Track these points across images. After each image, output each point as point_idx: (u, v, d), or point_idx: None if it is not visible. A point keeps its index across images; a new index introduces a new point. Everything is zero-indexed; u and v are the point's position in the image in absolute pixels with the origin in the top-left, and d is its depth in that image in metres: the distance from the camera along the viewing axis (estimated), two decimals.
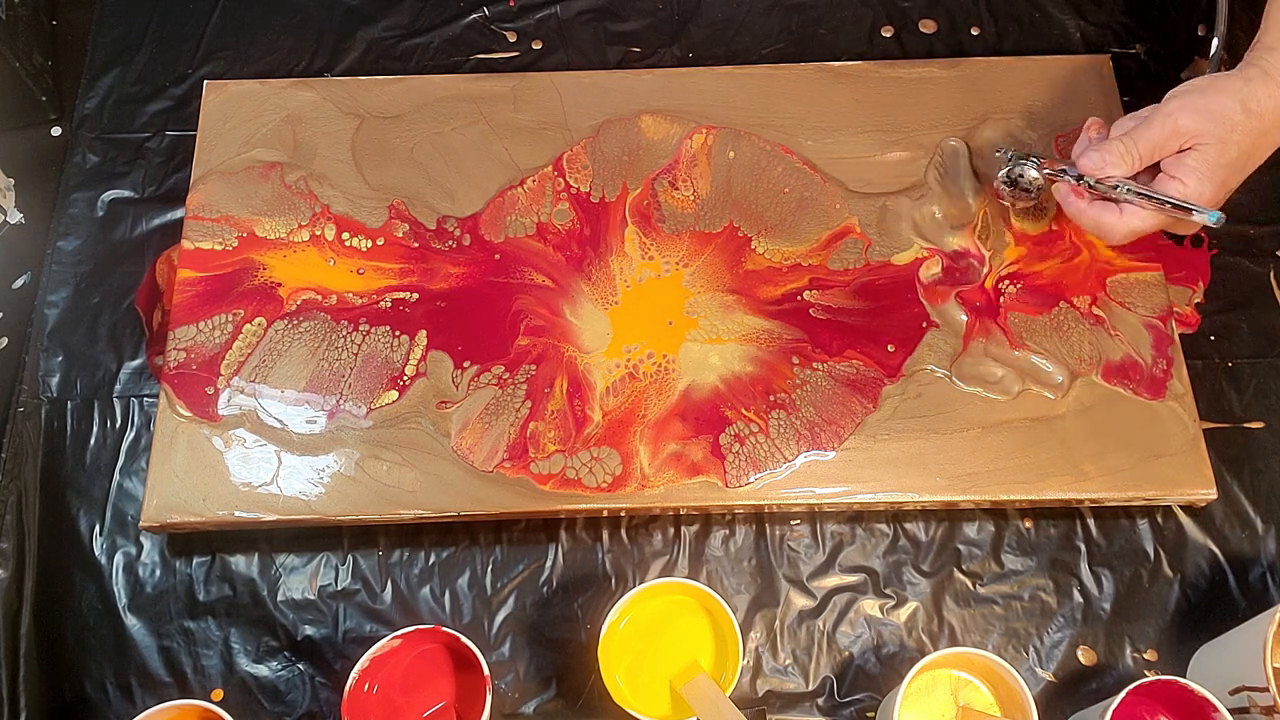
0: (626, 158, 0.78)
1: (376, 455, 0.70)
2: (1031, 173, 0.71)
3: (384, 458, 0.70)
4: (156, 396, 0.74)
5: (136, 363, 0.76)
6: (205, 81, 0.82)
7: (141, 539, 0.71)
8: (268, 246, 0.76)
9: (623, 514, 0.71)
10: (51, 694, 0.68)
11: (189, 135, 0.81)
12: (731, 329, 0.73)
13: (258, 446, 0.70)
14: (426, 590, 0.70)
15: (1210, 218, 0.63)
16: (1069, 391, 0.71)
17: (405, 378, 0.72)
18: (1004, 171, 0.73)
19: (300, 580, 0.70)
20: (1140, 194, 0.64)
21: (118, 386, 0.75)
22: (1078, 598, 0.69)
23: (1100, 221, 0.66)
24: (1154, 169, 0.66)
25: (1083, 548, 0.70)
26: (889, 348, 0.72)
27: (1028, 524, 0.71)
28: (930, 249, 0.75)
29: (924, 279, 0.74)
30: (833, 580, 0.70)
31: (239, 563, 0.71)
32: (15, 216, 0.80)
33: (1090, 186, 0.66)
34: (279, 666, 0.68)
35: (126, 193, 0.82)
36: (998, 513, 0.71)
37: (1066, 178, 0.68)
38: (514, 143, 0.79)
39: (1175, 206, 0.64)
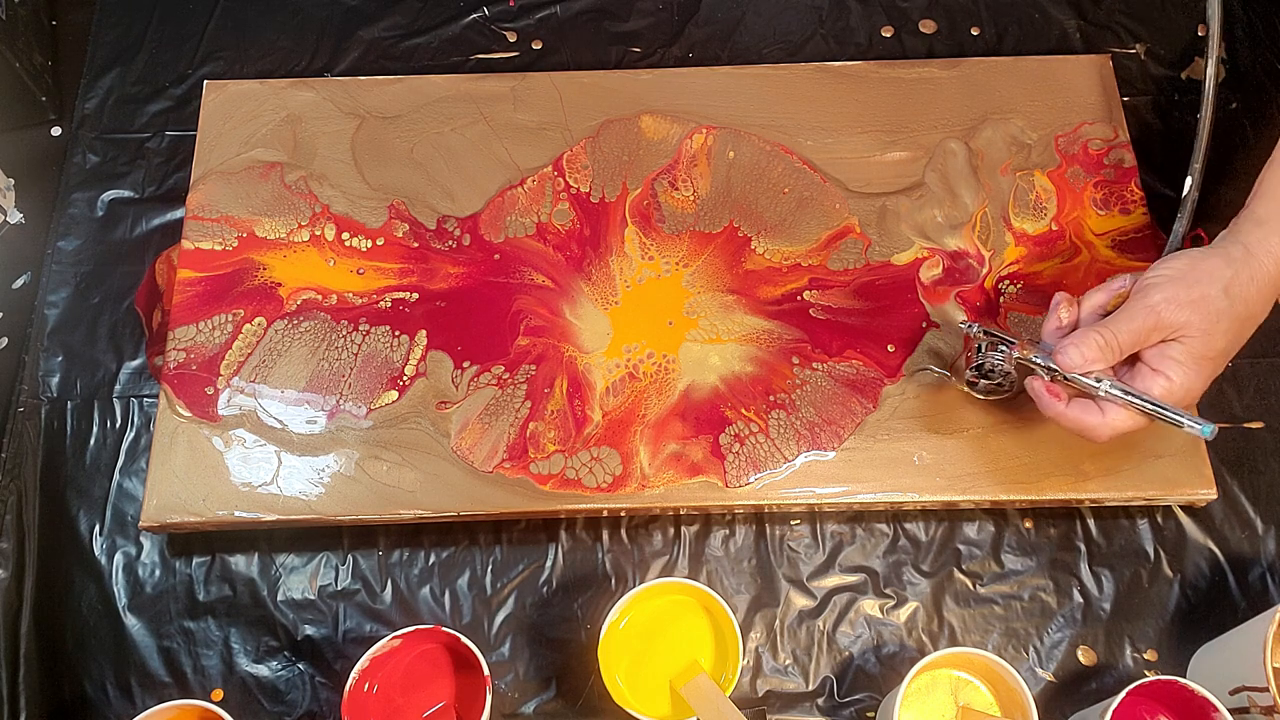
0: (626, 158, 0.78)
1: (376, 455, 0.70)
2: (1000, 363, 0.65)
3: (384, 458, 0.70)
4: (156, 396, 0.74)
5: (136, 363, 0.76)
6: (205, 81, 0.82)
7: (141, 539, 0.71)
8: (268, 246, 0.76)
9: (623, 514, 0.71)
10: (51, 694, 0.68)
11: (189, 135, 0.81)
12: (731, 329, 0.73)
13: (258, 446, 0.70)
14: (426, 590, 0.70)
15: (1204, 431, 0.59)
16: None
17: (405, 378, 0.72)
18: (976, 365, 0.67)
19: (300, 580, 0.70)
20: (1125, 394, 0.60)
21: (118, 386, 0.75)
22: (1078, 598, 0.69)
23: (1083, 424, 0.61)
24: (1132, 357, 0.62)
25: (1083, 548, 0.70)
26: (889, 348, 0.72)
27: (1028, 524, 0.71)
28: (930, 249, 0.75)
29: (924, 279, 0.74)
30: (833, 580, 0.70)
31: (239, 563, 0.71)
32: (15, 216, 0.80)
33: (1066, 380, 0.61)
34: (279, 666, 0.68)
35: (126, 193, 0.82)
36: (998, 513, 0.71)
37: (1039, 370, 0.63)
38: (514, 143, 0.79)
39: (1159, 409, 0.59)
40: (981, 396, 0.70)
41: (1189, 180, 0.73)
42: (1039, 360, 0.63)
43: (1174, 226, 0.73)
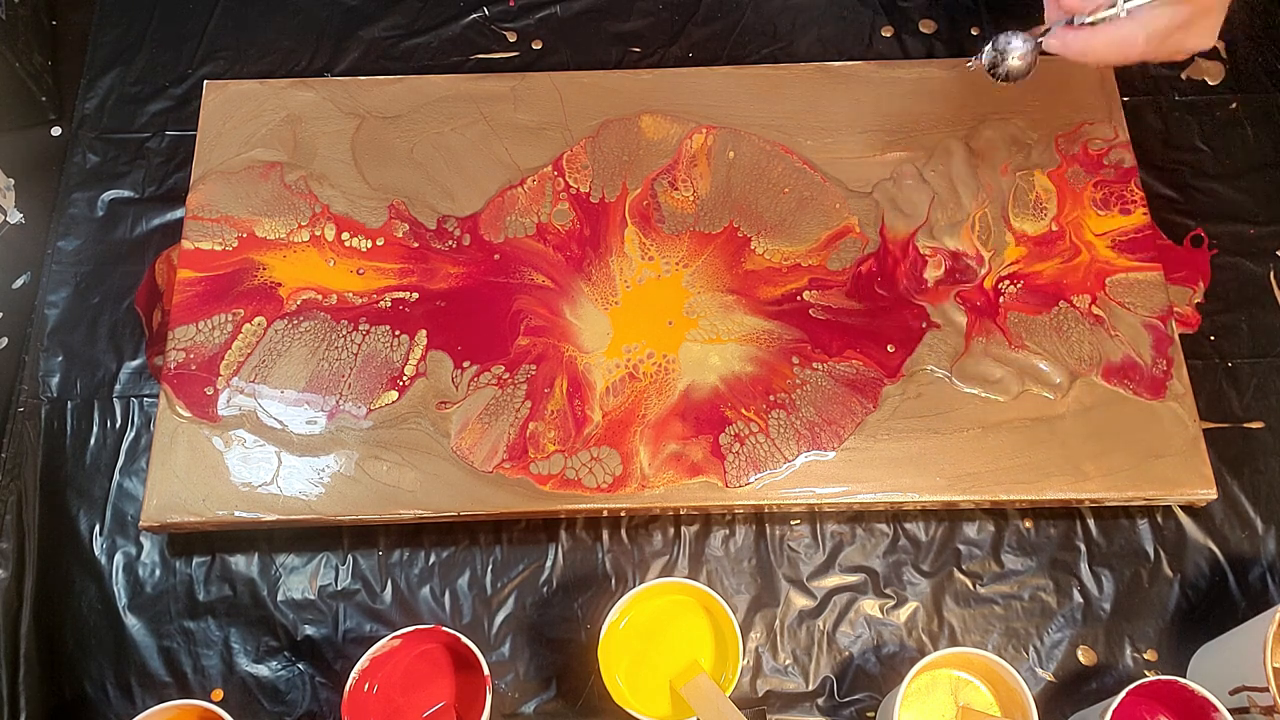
0: (626, 158, 0.78)
1: (376, 455, 0.70)
2: (1012, 40, 0.65)
3: (384, 458, 0.70)
4: (156, 396, 0.74)
5: (136, 363, 0.76)
6: (205, 81, 0.82)
7: (141, 539, 0.71)
8: (268, 246, 0.76)
9: (623, 514, 0.71)
10: (51, 694, 0.68)
11: (189, 135, 0.81)
12: (731, 329, 0.73)
13: (258, 447, 0.70)
14: (426, 590, 0.70)
15: None
16: (1069, 392, 0.71)
17: (405, 378, 0.72)
18: (993, 38, 0.66)
19: (300, 580, 0.70)
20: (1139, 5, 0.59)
21: (118, 386, 0.75)
22: (1078, 598, 0.69)
23: (1118, 37, 0.60)
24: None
25: (1083, 548, 0.70)
26: (889, 348, 0.72)
27: (1028, 524, 0.71)
28: (930, 249, 0.75)
29: (925, 279, 0.74)
30: (833, 580, 0.70)
31: (239, 563, 0.71)
32: (15, 216, 0.80)
33: (1086, 24, 0.61)
34: (279, 666, 0.68)
35: (126, 193, 0.82)
36: (998, 513, 0.71)
37: (1055, 30, 0.63)
38: (514, 143, 0.79)
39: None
40: (980, 65, 0.68)
41: None
42: (1049, 27, 0.63)
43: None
